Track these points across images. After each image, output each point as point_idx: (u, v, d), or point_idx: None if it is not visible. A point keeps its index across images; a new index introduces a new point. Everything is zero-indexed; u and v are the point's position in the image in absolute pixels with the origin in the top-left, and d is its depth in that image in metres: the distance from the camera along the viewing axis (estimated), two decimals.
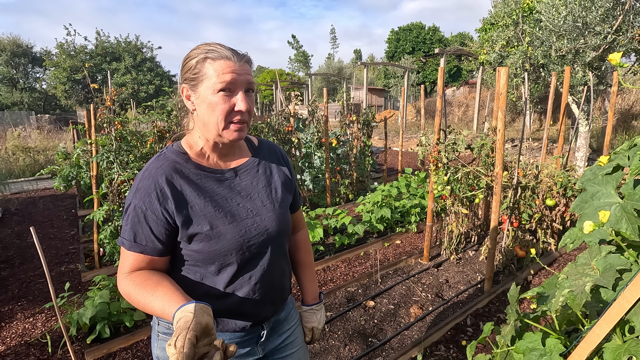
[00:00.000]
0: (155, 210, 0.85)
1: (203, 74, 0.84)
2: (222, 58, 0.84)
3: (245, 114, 0.87)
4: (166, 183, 0.86)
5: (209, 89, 0.84)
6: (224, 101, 0.84)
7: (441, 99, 3.07)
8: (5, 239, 4.37)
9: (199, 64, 0.85)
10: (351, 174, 5.82)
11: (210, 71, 0.84)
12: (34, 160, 8.75)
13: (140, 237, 0.86)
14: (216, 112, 0.85)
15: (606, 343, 0.75)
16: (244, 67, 0.86)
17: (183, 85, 0.89)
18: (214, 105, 0.85)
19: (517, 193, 3.12)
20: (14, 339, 2.49)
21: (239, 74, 0.85)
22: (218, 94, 0.84)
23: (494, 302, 2.82)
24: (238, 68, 0.85)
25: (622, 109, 12.32)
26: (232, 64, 0.84)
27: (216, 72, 0.83)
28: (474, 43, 15.88)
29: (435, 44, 30.52)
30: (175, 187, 0.87)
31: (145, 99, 21.81)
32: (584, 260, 0.85)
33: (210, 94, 0.84)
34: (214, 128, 0.87)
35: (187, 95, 0.89)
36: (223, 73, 0.83)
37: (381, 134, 13.59)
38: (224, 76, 0.83)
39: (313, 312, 1.18)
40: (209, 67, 0.84)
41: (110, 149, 3.35)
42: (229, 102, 0.85)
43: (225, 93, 0.84)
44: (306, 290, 1.20)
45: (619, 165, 0.91)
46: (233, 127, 0.87)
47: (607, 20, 5.90)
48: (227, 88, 0.84)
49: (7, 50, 23.32)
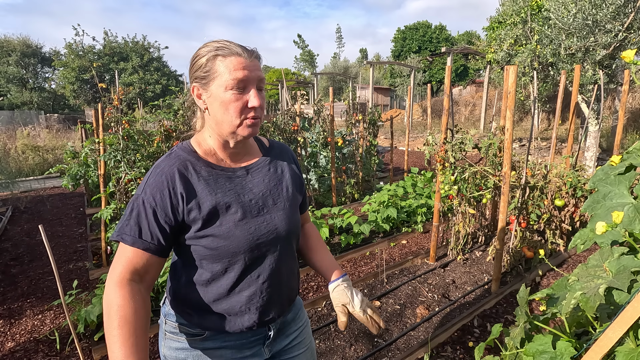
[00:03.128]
0: (165, 207, 0.84)
1: (214, 72, 0.84)
2: (233, 55, 0.84)
3: (258, 110, 0.87)
4: (179, 180, 0.85)
5: (221, 86, 0.83)
6: (237, 98, 0.84)
7: (448, 97, 3.04)
8: (15, 236, 4.43)
9: (209, 61, 0.84)
10: (357, 173, 5.80)
11: (222, 68, 0.83)
12: (43, 159, 8.86)
13: (146, 233, 0.83)
14: (230, 110, 0.85)
15: (619, 347, 0.73)
16: (254, 63, 0.86)
17: (194, 84, 0.88)
18: (227, 103, 0.84)
19: (525, 193, 3.08)
20: (23, 335, 2.52)
21: (251, 70, 0.85)
22: (230, 91, 0.83)
23: (501, 303, 2.79)
24: (249, 64, 0.85)
25: (632, 108, 12.13)
26: (243, 60, 0.84)
27: (228, 69, 0.83)
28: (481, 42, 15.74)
29: (441, 42, 30.29)
30: (188, 185, 0.86)
31: (152, 98, 21.99)
32: (595, 261, 0.84)
33: (222, 91, 0.84)
34: (228, 125, 0.87)
35: (198, 94, 0.88)
36: (235, 70, 0.83)
37: (387, 134, 13.53)
38: (236, 73, 0.83)
39: (342, 287, 1.03)
40: (220, 64, 0.83)
41: (117, 148, 3.38)
42: (242, 99, 0.85)
43: (238, 90, 0.84)
44: (326, 268, 1.09)
45: (632, 165, 0.89)
46: (246, 123, 0.87)
47: (618, 17, 5.80)
48: (239, 85, 0.83)
49: (17, 50, 23.67)
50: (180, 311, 0.95)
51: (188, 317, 0.94)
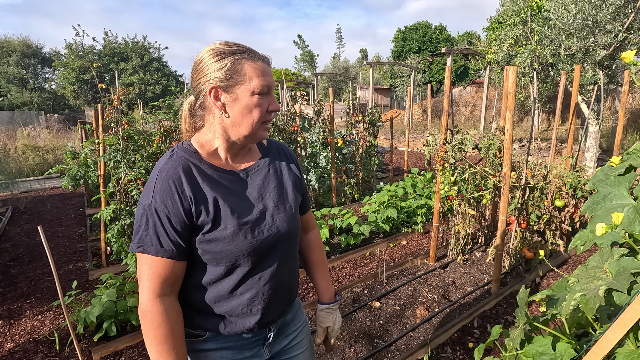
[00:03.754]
0: (178, 213, 0.84)
1: (241, 75, 0.85)
2: (259, 60, 0.87)
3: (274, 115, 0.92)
4: (186, 183, 0.85)
5: (249, 90, 0.86)
6: (261, 103, 0.87)
7: (448, 98, 3.04)
8: (15, 237, 4.43)
9: (236, 63, 0.85)
10: (357, 173, 5.80)
11: (250, 72, 0.85)
12: (43, 160, 8.86)
13: (166, 241, 0.83)
14: (253, 114, 0.87)
15: (619, 348, 0.73)
16: (270, 69, 0.91)
17: (211, 84, 0.85)
18: (251, 107, 0.87)
19: (525, 194, 3.08)
20: (22, 336, 2.52)
21: (271, 76, 0.89)
22: (256, 96, 0.86)
23: (501, 304, 2.79)
24: (269, 70, 0.89)
25: (632, 109, 12.12)
26: (266, 67, 0.88)
27: (256, 74, 0.86)
28: (481, 42, 15.74)
29: (441, 43, 30.29)
30: (195, 187, 0.86)
31: (152, 98, 21.98)
32: (595, 263, 0.83)
33: (249, 94, 0.86)
34: (246, 128, 0.88)
35: (216, 95, 0.86)
36: (263, 75, 0.86)
37: (387, 134, 13.53)
38: (264, 79, 0.86)
39: (329, 311, 1.16)
40: (247, 67, 0.85)
41: (117, 149, 3.38)
42: (265, 104, 0.88)
43: (262, 95, 0.87)
44: (322, 290, 1.18)
45: (632, 165, 0.89)
46: (264, 127, 0.92)
47: (618, 18, 5.80)
48: (264, 90, 0.87)
49: (18, 50, 23.65)
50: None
51: (189, 319, 0.94)
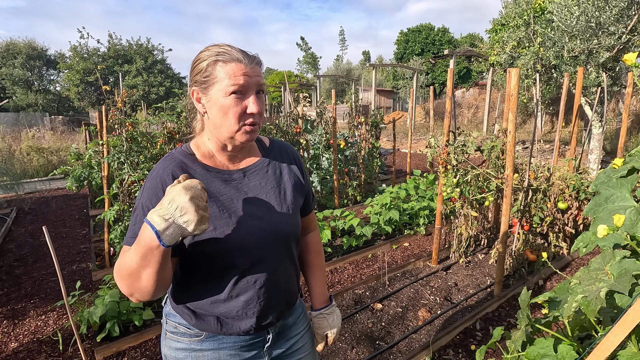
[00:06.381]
0: None
1: (214, 77, 0.84)
2: (233, 60, 0.84)
3: (256, 116, 0.87)
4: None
5: (221, 91, 0.84)
6: (236, 104, 0.84)
7: (450, 100, 3.04)
8: (19, 237, 4.46)
9: (209, 66, 0.84)
10: (359, 175, 5.80)
11: (222, 74, 0.83)
12: (47, 161, 8.92)
13: None
14: (229, 115, 0.85)
15: (621, 350, 0.73)
16: (254, 69, 0.86)
17: (193, 87, 0.89)
18: (226, 108, 0.84)
19: (528, 196, 3.07)
20: (26, 336, 2.53)
21: (250, 77, 0.85)
22: (230, 97, 0.84)
23: (504, 306, 2.78)
24: (249, 70, 0.85)
25: (636, 111, 12.06)
26: (243, 67, 0.84)
27: (228, 75, 0.83)
28: (484, 44, 15.72)
29: (444, 45, 30.29)
30: None
31: (155, 100, 22.11)
32: (597, 265, 0.83)
33: (222, 96, 0.84)
34: (226, 130, 0.87)
35: (197, 98, 0.89)
36: (235, 76, 0.83)
37: (389, 136, 13.53)
38: (236, 79, 0.83)
39: (323, 317, 1.13)
40: (220, 69, 0.83)
41: (121, 150, 3.40)
42: (241, 105, 0.85)
43: (237, 96, 0.84)
44: (314, 294, 1.15)
45: (634, 167, 0.89)
46: (245, 129, 0.87)
47: (621, 20, 5.78)
48: (239, 91, 0.84)
49: (23, 53, 23.87)
50: (179, 312, 0.96)
51: (187, 318, 0.94)
